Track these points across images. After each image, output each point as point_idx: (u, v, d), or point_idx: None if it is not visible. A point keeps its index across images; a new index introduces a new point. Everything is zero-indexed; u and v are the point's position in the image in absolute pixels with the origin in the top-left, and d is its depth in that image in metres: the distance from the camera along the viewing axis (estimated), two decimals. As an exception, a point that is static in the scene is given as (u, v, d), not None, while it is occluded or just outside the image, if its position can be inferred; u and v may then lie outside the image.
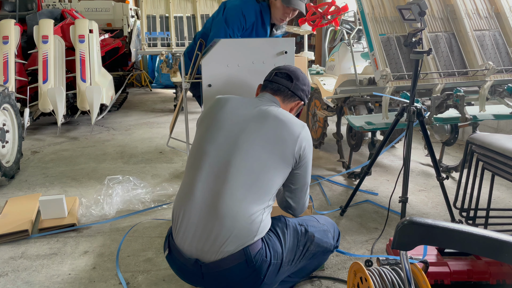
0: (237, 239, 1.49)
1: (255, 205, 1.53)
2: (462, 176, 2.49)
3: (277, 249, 1.56)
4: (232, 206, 1.50)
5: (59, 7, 6.90)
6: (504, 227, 2.56)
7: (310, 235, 1.69)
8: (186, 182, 1.63)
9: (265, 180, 1.55)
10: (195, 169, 1.61)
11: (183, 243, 1.57)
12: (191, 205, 1.56)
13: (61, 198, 2.61)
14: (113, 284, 2.03)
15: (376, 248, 2.32)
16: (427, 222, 1.09)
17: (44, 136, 4.89)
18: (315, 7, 3.68)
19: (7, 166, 3.33)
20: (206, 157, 1.59)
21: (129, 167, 3.74)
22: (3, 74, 4.49)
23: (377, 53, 2.78)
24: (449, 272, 1.74)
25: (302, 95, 1.82)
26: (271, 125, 1.60)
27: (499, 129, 4.11)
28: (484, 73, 2.77)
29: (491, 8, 3.01)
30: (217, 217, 1.50)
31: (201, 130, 1.71)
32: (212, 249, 1.51)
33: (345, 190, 3.18)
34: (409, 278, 1.25)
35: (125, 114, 6.06)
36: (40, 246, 2.38)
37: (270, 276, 1.55)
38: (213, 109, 1.72)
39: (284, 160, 1.58)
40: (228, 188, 1.52)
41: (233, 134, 1.60)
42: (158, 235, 2.50)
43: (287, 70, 1.81)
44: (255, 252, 1.50)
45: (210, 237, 1.50)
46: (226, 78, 2.27)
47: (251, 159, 1.55)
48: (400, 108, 2.41)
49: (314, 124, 4.18)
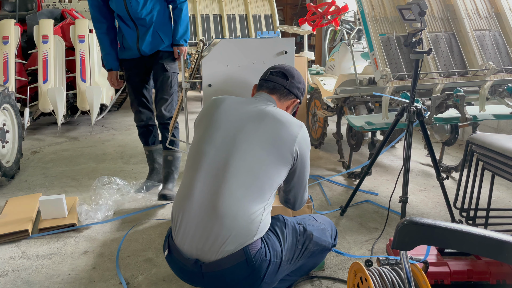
0: (237, 238, 1.49)
1: (254, 204, 1.53)
2: (462, 176, 2.49)
3: (276, 248, 1.57)
4: (231, 205, 1.51)
5: (59, 7, 6.89)
6: (504, 227, 2.56)
7: (308, 234, 1.70)
8: (185, 183, 1.64)
9: (264, 179, 1.55)
10: (193, 170, 1.61)
11: (183, 243, 1.57)
12: (190, 205, 1.56)
13: (61, 198, 2.61)
14: (113, 284, 2.03)
15: (376, 248, 2.32)
16: (427, 222, 1.09)
17: (44, 136, 4.89)
18: (315, 7, 3.68)
19: (7, 166, 3.33)
20: (205, 157, 1.59)
21: (129, 167, 3.74)
22: (3, 74, 4.49)
23: (377, 53, 2.78)
24: (449, 272, 1.74)
25: (297, 93, 1.82)
26: (269, 125, 1.60)
27: (499, 129, 4.11)
28: (484, 73, 2.77)
29: (491, 8, 3.01)
30: (216, 217, 1.50)
31: (199, 131, 1.71)
32: (212, 248, 1.51)
33: (345, 190, 3.18)
34: (409, 278, 1.25)
35: (125, 114, 6.06)
36: (40, 246, 2.38)
37: (270, 275, 1.56)
38: (209, 109, 1.73)
39: (283, 159, 1.59)
40: (227, 188, 1.52)
41: (231, 134, 1.60)
42: (158, 235, 2.50)
43: (282, 69, 1.82)
44: (255, 252, 1.50)
45: (210, 237, 1.51)
46: (226, 78, 2.27)
47: (250, 158, 1.55)
48: (400, 108, 2.41)
49: (314, 124, 4.18)
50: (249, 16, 6.13)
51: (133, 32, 2.76)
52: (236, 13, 6.12)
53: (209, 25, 5.95)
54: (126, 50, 2.84)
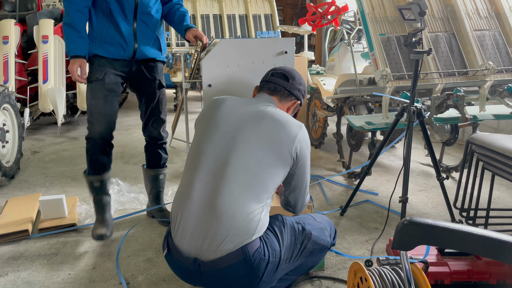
0: (236, 237, 1.50)
1: (253, 204, 1.54)
2: (462, 176, 2.49)
3: (275, 247, 1.57)
4: (229, 204, 1.51)
5: (59, 7, 6.88)
6: (504, 227, 2.56)
7: (307, 233, 1.70)
8: (184, 182, 1.64)
9: (262, 178, 1.56)
10: (193, 169, 1.61)
11: (182, 242, 1.57)
12: (189, 204, 1.57)
13: (61, 198, 2.61)
14: (113, 284, 2.03)
15: (376, 248, 2.32)
16: (427, 222, 1.09)
17: (44, 136, 4.89)
18: (315, 7, 3.69)
19: (7, 166, 3.33)
20: (204, 156, 1.60)
21: (129, 167, 3.74)
22: (3, 74, 4.48)
23: (377, 53, 2.78)
24: (449, 272, 1.74)
25: (298, 95, 1.83)
26: (268, 125, 1.60)
27: (499, 129, 4.11)
28: (484, 73, 2.77)
29: (491, 8, 3.01)
30: (215, 216, 1.51)
31: (199, 131, 1.72)
32: (210, 247, 1.51)
33: (345, 190, 3.18)
34: (409, 278, 1.25)
35: (125, 114, 6.06)
36: (40, 246, 2.38)
37: (268, 274, 1.56)
38: (210, 109, 1.73)
39: (281, 159, 1.59)
40: (225, 187, 1.52)
41: (230, 134, 1.61)
42: (158, 235, 2.50)
43: (283, 70, 1.83)
44: (254, 251, 1.51)
45: (208, 236, 1.51)
46: (226, 78, 2.27)
47: (248, 158, 1.56)
48: (400, 108, 2.41)
49: (314, 124, 4.18)
50: (249, 16, 6.13)
51: (130, 27, 2.29)
52: (236, 13, 6.13)
53: (209, 25, 5.95)
54: (109, 46, 2.28)
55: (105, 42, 2.28)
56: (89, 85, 2.32)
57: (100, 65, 2.30)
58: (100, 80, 2.29)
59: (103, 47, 2.28)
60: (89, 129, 2.41)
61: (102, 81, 2.29)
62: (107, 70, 2.30)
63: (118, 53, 2.30)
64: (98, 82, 2.29)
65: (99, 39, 2.28)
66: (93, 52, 2.29)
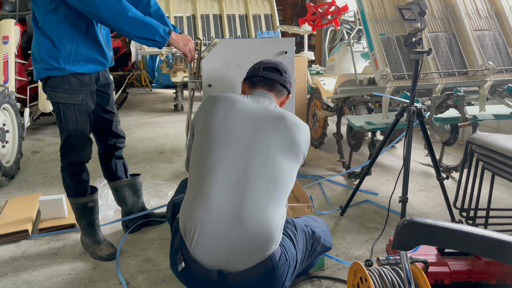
0: (264, 246, 1.47)
1: (276, 210, 1.52)
2: (462, 176, 2.49)
3: (292, 251, 1.57)
4: (256, 214, 1.47)
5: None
6: (504, 227, 2.56)
7: (316, 236, 1.72)
8: (196, 191, 1.54)
9: (283, 183, 1.55)
10: (207, 177, 1.52)
11: (203, 254, 1.50)
12: (209, 215, 1.48)
13: (61, 198, 2.61)
14: (113, 284, 2.03)
15: (376, 248, 2.32)
16: (427, 222, 1.09)
17: (44, 136, 4.89)
18: (315, 7, 3.69)
19: (7, 166, 3.33)
20: (221, 163, 1.52)
21: (129, 167, 3.72)
22: (3, 74, 4.47)
23: (377, 53, 2.78)
24: (449, 272, 1.74)
25: (289, 88, 1.84)
26: (287, 128, 1.60)
27: (499, 129, 4.11)
28: (484, 73, 2.77)
29: (491, 8, 3.01)
30: (242, 226, 1.46)
31: (203, 134, 1.62)
32: (238, 258, 1.47)
33: (345, 190, 3.18)
34: (409, 278, 1.25)
35: (125, 114, 6.06)
36: (40, 246, 2.38)
37: (289, 278, 1.57)
38: (211, 109, 1.64)
39: (298, 162, 1.62)
40: (250, 195, 1.48)
41: (247, 138, 1.55)
42: (158, 235, 2.49)
43: (273, 64, 1.82)
44: (279, 257, 1.50)
45: (235, 247, 1.46)
46: (226, 78, 2.27)
47: (270, 163, 1.53)
48: (400, 108, 2.41)
49: (314, 124, 4.18)
50: (249, 16, 6.13)
51: (104, 31, 2.06)
52: (236, 13, 6.13)
53: (209, 25, 5.95)
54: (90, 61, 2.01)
55: (86, 57, 1.98)
56: (71, 107, 2.03)
57: (81, 86, 2.02)
58: (80, 104, 2.05)
59: (84, 64, 1.99)
60: (72, 154, 2.17)
61: (82, 104, 2.05)
62: (86, 90, 2.04)
63: (94, 66, 2.04)
64: (79, 107, 2.05)
65: (83, 55, 1.97)
66: (76, 71, 1.97)
